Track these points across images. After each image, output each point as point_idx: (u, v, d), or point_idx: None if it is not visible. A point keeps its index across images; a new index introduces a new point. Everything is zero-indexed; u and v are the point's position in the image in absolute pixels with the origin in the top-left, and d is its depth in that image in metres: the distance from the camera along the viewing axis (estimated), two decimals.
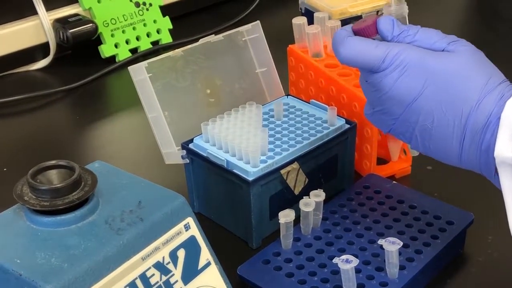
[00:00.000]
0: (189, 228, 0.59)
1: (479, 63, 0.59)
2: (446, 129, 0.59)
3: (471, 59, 0.59)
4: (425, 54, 0.59)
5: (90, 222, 0.56)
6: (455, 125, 0.58)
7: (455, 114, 0.58)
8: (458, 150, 0.59)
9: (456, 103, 0.58)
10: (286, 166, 0.76)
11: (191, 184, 0.81)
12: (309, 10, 1.12)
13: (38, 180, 0.56)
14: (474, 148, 0.58)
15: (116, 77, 1.18)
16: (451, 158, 0.60)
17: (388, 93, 0.60)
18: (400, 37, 0.61)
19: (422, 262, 0.69)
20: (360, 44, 0.60)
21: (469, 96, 0.57)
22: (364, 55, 0.60)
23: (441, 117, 0.59)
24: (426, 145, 0.61)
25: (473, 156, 0.59)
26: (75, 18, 1.18)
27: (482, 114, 0.57)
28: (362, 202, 0.78)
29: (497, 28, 1.34)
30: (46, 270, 0.51)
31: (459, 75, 0.58)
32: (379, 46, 0.60)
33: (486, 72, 0.59)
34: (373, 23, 0.61)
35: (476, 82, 0.58)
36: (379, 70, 0.60)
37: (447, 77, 0.58)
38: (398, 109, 0.60)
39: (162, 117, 0.79)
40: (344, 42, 0.60)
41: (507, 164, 0.56)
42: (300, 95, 0.93)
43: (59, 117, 1.09)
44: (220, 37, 0.86)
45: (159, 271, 0.56)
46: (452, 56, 0.59)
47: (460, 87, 0.58)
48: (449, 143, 0.59)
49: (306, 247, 0.72)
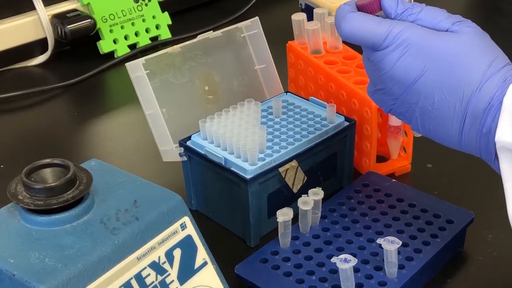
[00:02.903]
0: (185, 228, 0.59)
1: (482, 45, 0.58)
2: (446, 111, 0.58)
3: (475, 41, 0.58)
4: (427, 33, 0.58)
5: (85, 221, 0.55)
6: (456, 108, 0.57)
7: (456, 96, 0.57)
8: (458, 133, 0.58)
9: (458, 86, 0.57)
10: (284, 164, 0.75)
11: (188, 181, 0.81)
12: (309, 6, 1.11)
13: (33, 179, 0.55)
14: (474, 131, 0.57)
15: (114, 73, 1.17)
16: (451, 140, 0.60)
17: (388, 72, 0.59)
18: (403, 15, 0.59)
19: (421, 261, 0.68)
20: (363, 20, 0.59)
21: (471, 78, 0.56)
22: (366, 32, 0.59)
23: (442, 99, 0.58)
24: (426, 127, 0.60)
25: (473, 140, 0.58)
26: (74, 14, 1.17)
27: (484, 97, 0.56)
28: (361, 201, 0.77)
29: (498, 24, 1.33)
30: (40, 270, 0.50)
31: (461, 57, 0.57)
32: (382, 23, 0.59)
33: (489, 55, 0.57)
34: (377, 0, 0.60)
35: (479, 64, 0.57)
36: (381, 48, 0.59)
37: (449, 59, 0.57)
38: (399, 89, 0.60)
39: (160, 114, 0.78)
40: (346, 17, 0.60)
41: (507, 149, 0.55)
42: (299, 92, 0.92)
43: (57, 113, 1.08)
44: (218, 33, 0.85)
45: (154, 271, 0.56)
46: (455, 37, 0.58)
47: (462, 70, 0.57)
48: (449, 125, 0.58)
49: (305, 245, 0.71)
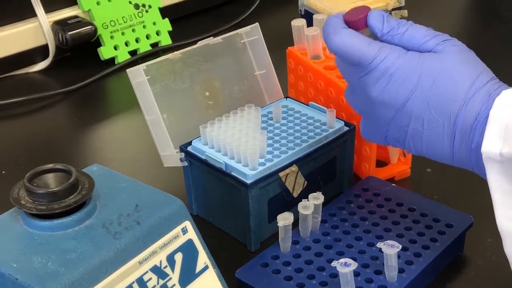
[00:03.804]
0: (186, 232, 0.59)
1: (466, 63, 0.59)
2: (436, 130, 0.59)
3: (459, 59, 0.59)
4: (412, 57, 0.60)
5: (87, 226, 0.56)
6: (445, 126, 0.59)
7: (444, 115, 0.58)
8: (450, 151, 0.60)
9: (444, 104, 0.58)
10: (284, 169, 0.76)
11: (189, 186, 0.81)
12: (309, 12, 1.12)
13: (35, 184, 0.55)
14: (464, 147, 0.58)
15: (115, 79, 1.18)
16: (443, 158, 0.61)
17: (378, 97, 0.61)
18: (389, 35, 0.61)
19: (421, 265, 0.69)
20: (354, 38, 0.61)
21: (456, 96, 0.58)
22: (355, 50, 0.60)
23: (431, 118, 0.59)
24: (418, 148, 0.62)
25: (464, 155, 0.59)
26: (74, 20, 1.17)
27: (470, 113, 0.57)
28: (361, 205, 0.78)
29: (497, 29, 1.34)
30: (43, 274, 0.51)
31: (445, 76, 0.58)
32: (372, 44, 0.61)
33: (473, 71, 0.59)
34: (364, 17, 0.62)
35: (463, 81, 0.58)
36: (365, 68, 0.60)
37: (433, 79, 0.59)
38: (389, 113, 0.61)
39: (161, 120, 0.79)
40: (338, 31, 0.61)
41: (493, 160, 0.56)
42: (299, 97, 0.93)
43: (58, 119, 1.09)
44: (219, 39, 0.86)
45: (156, 275, 0.56)
46: (439, 57, 0.59)
47: (447, 88, 0.58)
48: (441, 144, 0.60)
49: (305, 250, 0.72)
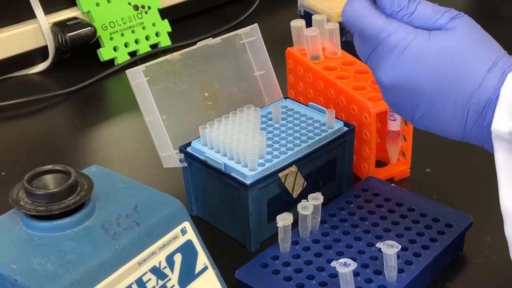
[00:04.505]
0: (185, 233, 0.59)
1: (479, 40, 0.58)
2: (448, 109, 0.58)
3: (471, 37, 0.57)
4: (423, 35, 0.58)
5: (86, 227, 0.56)
6: (457, 104, 0.57)
7: (457, 94, 0.57)
8: (462, 128, 0.58)
9: (458, 83, 0.57)
10: (284, 169, 0.76)
11: (189, 187, 0.81)
12: (308, 12, 1.12)
13: (34, 185, 0.55)
14: (477, 125, 0.57)
15: (115, 81, 1.18)
16: (454, 135, 0.60)
17: (385, 77, 0.59)
18: (398, 14, 0.59)
19: (420, 265, 0.69)
20: (365, 10, 0.59)
21: (471, 75, 0.56)
22: (365, 22, 0.59)
23: (443, 98, 0.57)
24: (427, 126, 0.60)
25: (476, 133, 0.58)
26: (74, 22, 1.17)
27: (484, 91, 0.56)
28: (361, 205, 0.78)
29: (497, 28, 1.33)
30: (42, 276, 0.51)
31: (459, 54, 0.57)
32: (383, 19, 0.58)
33: (486, 49, 0.57)
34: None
35: (478, 60, 0.57)
36: (375, 43, 0.59)
37: (446, 58, 0.57)
38: (399, 93, 0.59)
39: (160, 121, 0.79)
40: (351, 2, 0.59)
41: (502, 139, 0.55)
42: (299, 98, 0.93)
43: (58, 120, 1.09)
44: (218, 40, 0.86)
45: (155, 275, 0.56)
46: (451, 35, 0.57)
47: (462, 67, 0.56)
48: (452, 122, 0.58)
49: (305, 250, 0.72)
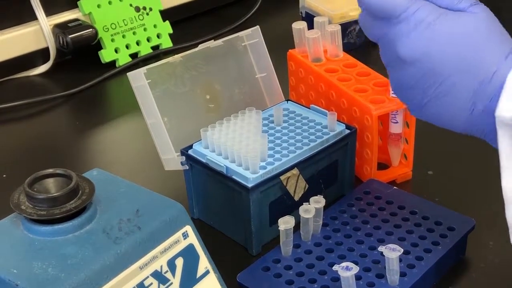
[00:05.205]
0: (187, 237, 0.59)
1: (496, 29, 0.58)
2: (461, 94, 0.57)
3: (490, 25, 0.58)
4: (445, 14, 0.57)
5: (87, 231, 0.55)
6: (471, 90, 0.57)
7: (472, 79, 0.57)
8: (468, 115, 0.58)
9: (477, 68, 0.56)
10: (286, 172, 0.75)
11: (190, 190, 0.81)
12: (310, 14, 1.12)
13: (35, 189, 0.55)
14: (483, 112, 0.57)
15: (116, 82, 1.18)
16: (458, 124, 0.59)
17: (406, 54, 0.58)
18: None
19: (423, 269, 0.68)
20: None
21: (489, 61, 0.56)
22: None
23: (460, 80, 0.57)
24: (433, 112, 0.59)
25: (481, 122, 0.57)
26: (75, 23, 1.17)
27: (498, 79, 0.56)
28: (363, 208, 0.78)
29: None
30: (43, 280, 0.51)
31: (482, 39, 0.57)
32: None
33: (502, 39, 0.58)
34: None
35: (497, 47, 0.57)
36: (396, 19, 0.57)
37: (467, 40, 0.57)
38: (416, 71, 0.58)
39: (162, 123, 0.79)
40: None
41: (505, 125, 0.55)
42: (300, 100, 0.93)
43: (59, 122, 1.09)
44: (219, 42, 0.86)
45: (157, 280, 0.56)
46: (476, 19, 0.57)
47: (483, 52, 0.56)
48: (460, 108, 0.58)
49: (306, 253, 0.71)
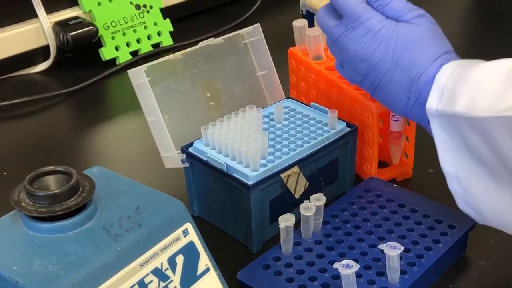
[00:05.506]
0: (187, 234, 0.59)
1: (434, 36, 0.70)
2: (399, 86, 0.70)
3: (429, 32, 0.70)
4: (392, 24, 0.70)
5: (87, 228, 0.55)
6: (406, 84, 0.70)
7: (407, 75, 0.69)
8: (405, 104, 0.70)
9: (410, 66, 0.69)
10: (286, 170, 0.75)
11: (191, 188, 0.81)
12: (310, 12, 1.11)
13: (36, 186, 0.55)
14: (417, 104, 0.69)
15: (116, 80, 1.18)
16: (399, 111, 0.72)
17: (357, 53, 0.71)
18: (375, 3, 0.71)
19: (423, 267, 0.68)
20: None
21: (419, 62, 0.69)
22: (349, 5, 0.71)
23: (396, 76, 0.70)
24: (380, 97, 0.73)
25: (416, 111, 0.70)
26: (76, 21, 1.17)
27: (426, 76, 0.68)
28: (363, 206, 0.78)
29: (497, 28, 1.33)
30: (43, 277, 0.51)
31: (416, 44, 0.70)
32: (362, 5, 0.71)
33: (437, 44, 0.70)
34: None
35: (428, 51, 0.69)
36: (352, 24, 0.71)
37: (406, 45, 0.70)
38: (364, 67, 0.71)
39: (162, 121, 0.79)
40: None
41: (433, 115, 0.67)
42: (301, 98, 0.93)
43: (59, 120, 1.09)
44: (220, 40, 0.86)
45: (157, 277, 0.56)
46: (414, 28, 0.70)
47: (415, 54, 0.69)
48: (399, 98, 0.71)
49: (307, 251, 0.71)
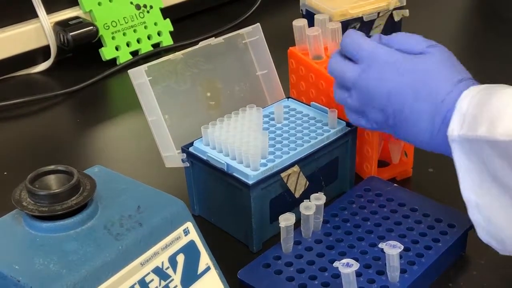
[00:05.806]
0: (188, 233, 0.59)
1: (449, 65, 0.69)
2: (421, 118, 0.68)
3: (443, 61, 0.69)
4: (406, 56, 0.70)
5: (88, 227, 0.56)
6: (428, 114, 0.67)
7: (428, 105, 0.67)
8: (430, 135, 0.68)
9: (430, 96, 0.67)
10: (286, 169, 0.76)
11: (191, 187, 0.81)
12: (310, 12, 1.12)
13: (37, 186, 0.55)
14: (442, 130, 0.66)
15: (117, 80, 1.18)
16: (422, 142, 0.70)
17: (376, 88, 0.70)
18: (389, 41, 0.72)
19: (423, 266, 0.69)
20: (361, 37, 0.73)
21: (438, 91, 0.67)
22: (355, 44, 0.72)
23: (417, 108, 0.68)
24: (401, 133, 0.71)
25: (441, 140, 0.67)
26: (76, 21, 1.17)
27: (447, 105, 0.66)
28: (363, 205, 0.78)
29: (497, 28, 1.33)
30: (45, 276, 0.51)
31: (431, 74, 0.68)
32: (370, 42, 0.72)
33: (454, 72, 0.68)
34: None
35: (446, 79, 0.67)
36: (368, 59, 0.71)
37: (422, 75, 0.68)
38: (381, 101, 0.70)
39: (162, 121, 0.79)
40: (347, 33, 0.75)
41: (455, 141, 0.65)
42: (301, 98, 0.93)
43: (60, 120, 1.09)
44: (220, 40, 0.86)
45: (158, 276, 0.56)
46: (426, 58, 0.69)
47: (432, 84, 0.67)
48: (422, 129, 0.68)
49: (307, 250, 0.72)
